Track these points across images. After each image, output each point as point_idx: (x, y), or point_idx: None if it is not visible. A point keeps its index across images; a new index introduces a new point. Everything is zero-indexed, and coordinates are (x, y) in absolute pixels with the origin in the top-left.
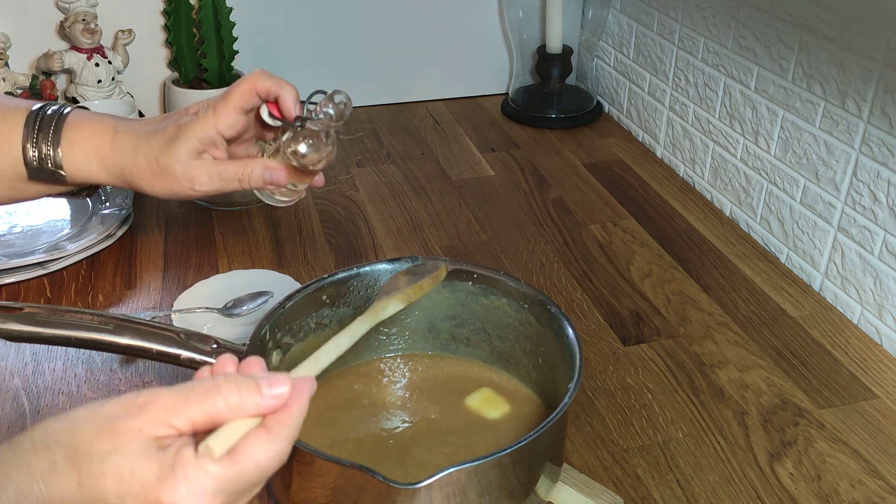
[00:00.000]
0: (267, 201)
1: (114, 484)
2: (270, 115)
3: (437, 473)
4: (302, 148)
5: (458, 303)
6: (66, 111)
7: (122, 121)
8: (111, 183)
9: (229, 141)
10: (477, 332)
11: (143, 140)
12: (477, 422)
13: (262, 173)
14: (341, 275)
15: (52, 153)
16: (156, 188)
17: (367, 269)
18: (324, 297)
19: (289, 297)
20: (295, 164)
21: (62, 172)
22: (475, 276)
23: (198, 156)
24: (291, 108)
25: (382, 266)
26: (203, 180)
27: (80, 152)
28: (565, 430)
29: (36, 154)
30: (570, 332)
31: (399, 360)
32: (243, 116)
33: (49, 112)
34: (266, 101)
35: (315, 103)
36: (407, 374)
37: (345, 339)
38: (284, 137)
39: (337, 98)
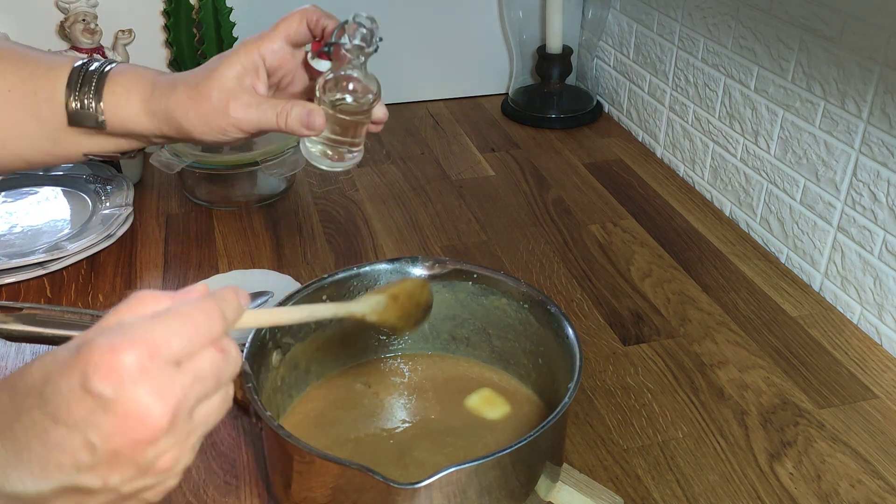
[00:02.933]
0: (319, 165)
1: (37, 371)
2: (314, 55)
3: (437, 473)
4: (331, 83)
5: (458, 303)
6: (108, 68)
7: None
8: (150, 128)
9: (275, 87)
10: (477, 332)
11: (184, 74)
12: (477, 422)
13: (300, 112)
14: (341, 275)
15: (93, 104)
16: (192, 120)
17: (367, 268)
18: (324, 297)
19: (289, 297)
20: (336, 102)
21: (102, 117)
22: (475, 276)
23: (238, 82)
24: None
25: (382, 266)
26: (239, 107)
27: (122, 95)
28: (565, 430)
29: (77, 104)
30: (570, 332)
31: (399, 360)
32: (289, 47)
33: (92, 68)
34: (313, 42)
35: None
36: (407, 374)
37: (304, 312)
38: (320, 82)
39: (359, 20)
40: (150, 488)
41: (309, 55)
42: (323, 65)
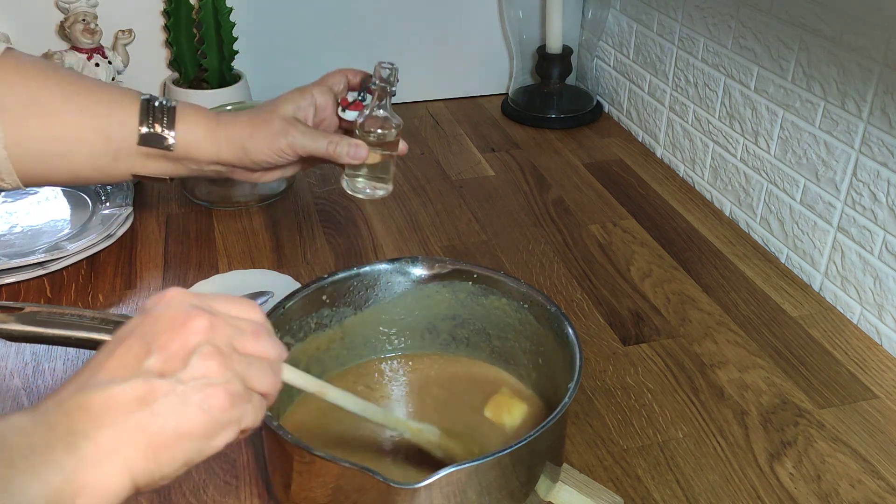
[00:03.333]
0: (357, 195)
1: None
2: (343, 108)
3: (437, 473)
4: (369, 121)
5: (458, 303)
6: (174, 102)
7: None
8: (209, 153)
9: (315, 127)
10: (477, 332)
11: (245, 109)
12: (477, 421)
13: (347, 146)
14: (341, 275)
15: (165, 129)
16: (256, 142)
17: (367, 269)
18: (324, 297)
19: (289, 297)
20: (371, 137)
21: (172, 140)
22: (475, 276)
23: (294, 114)
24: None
25: (382, 266)
26: (297, 133)
27: (191, 123)
28: (565, 430)
29: (150, 129)
30: (571, 331)
31: (399, 361)
32: (331, 95)
33: (160, 100)
34: (342, 98)
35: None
36: (407, 374)
37: (353, 403)
38: (357, 123)
39: (383, 64)
40: (208, 388)
41: (339, 108)
42: (349, 114)
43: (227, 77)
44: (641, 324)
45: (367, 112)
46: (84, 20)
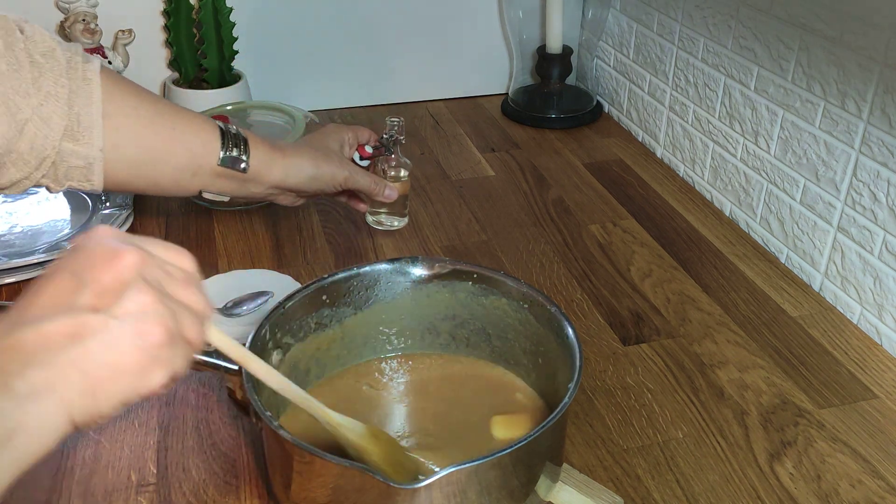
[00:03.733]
0: (380, 227)
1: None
2: (361, 158)
3: (437, 473)
4: (386, 167)
5: (458, 303)
6: (244, 134)
7: None
8: (275, 178)
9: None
10: (477, 332)
11: (297, 141)
12: (475, 420)
13: (386, 188)
14: (341, 275)
15: (243, 154)
16: (322, 171)
17: (367, 269)
18: (324, 297)
19: (289, 297)
20: (388, 180)
21: (246, 164)
22: (475, 276)
23: (341, 151)
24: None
25: (383, 266)
26: (356, 170)
27: (262, 151)
28: (565, 430)
29: (229, 152)
30: (570, 331)
31: (399, 361)
32: (356, 142)
33: (233, 131)
34: (358, 146)
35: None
36: (407, 374)
37: (274, 380)
38: (381, 168)
39: (392, 120)
40: (142, 323)
41: (356, 156)
42: (364, 162)
43: (227, 77)
44: (641, 324)
45: (381, 160)
46: (84, 20)
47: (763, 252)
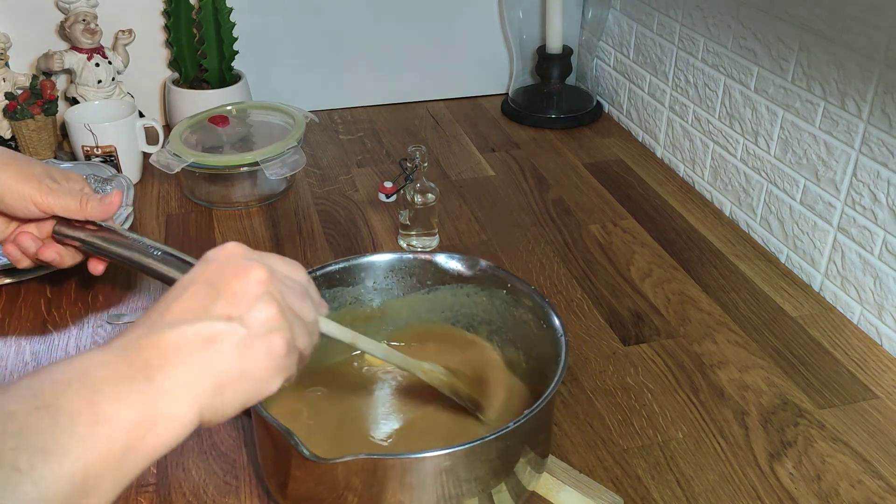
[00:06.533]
0: (414, 246)
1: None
2: (387, 196)
3: (426, 451)
4: (417, 195)
5: (458, 303)
6: None
7: None
8: None
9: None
10: (467, 327)
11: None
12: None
13: (89, 200)
14: (332, 267)
15: None
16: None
17: (363, 260)
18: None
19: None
20: (418, 205)
21: None
22: (459, 273)
23: None
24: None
25: (374, 258)
26: (54, 193)
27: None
28: (551, 420)
29: None
30: (556, 321)
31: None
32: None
33: None
34: (381, 186)
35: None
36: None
37: (380, 351)
38: (409, 198)
39: (412, 148)
40: (270, 333)
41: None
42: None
43: (227, 77)
44: (641, 324)
45: (408, 188)
46: (84, 20)
47: (763, 252)
